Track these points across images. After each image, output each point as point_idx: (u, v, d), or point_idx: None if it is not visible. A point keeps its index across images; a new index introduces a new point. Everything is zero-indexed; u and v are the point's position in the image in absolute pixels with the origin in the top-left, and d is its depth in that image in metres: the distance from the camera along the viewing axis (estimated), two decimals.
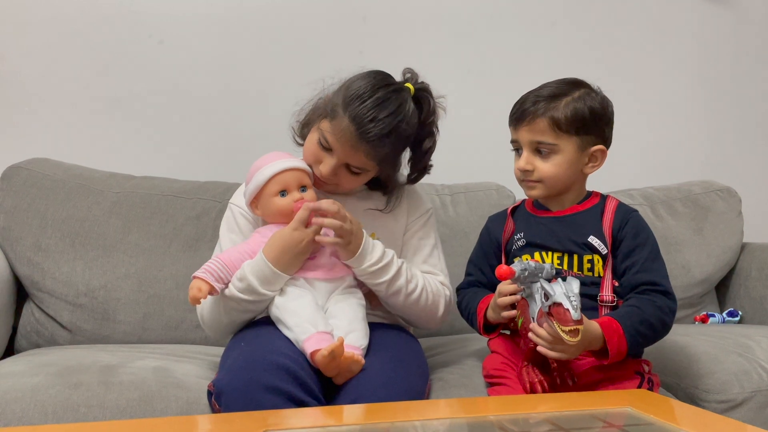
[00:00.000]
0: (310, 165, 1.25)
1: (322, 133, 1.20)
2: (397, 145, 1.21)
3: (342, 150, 1.18)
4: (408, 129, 1.20)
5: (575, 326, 0.98)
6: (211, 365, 1.27)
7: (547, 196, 1.23)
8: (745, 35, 2.25)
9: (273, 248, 1.16)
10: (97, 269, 1.52)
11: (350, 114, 1.16)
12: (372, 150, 1.17)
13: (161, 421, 1.01)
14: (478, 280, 1.31)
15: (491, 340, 1.27)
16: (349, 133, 1.16)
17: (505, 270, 1.07)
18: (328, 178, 1.22)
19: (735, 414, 1.29)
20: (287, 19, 1.89)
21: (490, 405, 1.04)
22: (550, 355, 1.05)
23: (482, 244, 1.33)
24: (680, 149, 2.20)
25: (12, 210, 1.53)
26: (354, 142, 1.17)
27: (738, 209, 1.93)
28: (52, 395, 1.06)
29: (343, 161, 1.20)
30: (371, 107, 1.16)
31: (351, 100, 1.17)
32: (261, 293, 1.15)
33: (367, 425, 0.89)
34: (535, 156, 1.19)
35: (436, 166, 1.41)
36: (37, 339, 1.51)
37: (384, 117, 1.16)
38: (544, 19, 2.09)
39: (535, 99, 1.18)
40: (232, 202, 1.33)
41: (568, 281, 1.02)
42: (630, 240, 1.18)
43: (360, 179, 1.25)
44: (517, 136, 1.21)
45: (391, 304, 1.24)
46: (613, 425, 0.91)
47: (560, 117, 1.16)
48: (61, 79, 1.79)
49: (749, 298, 1.85)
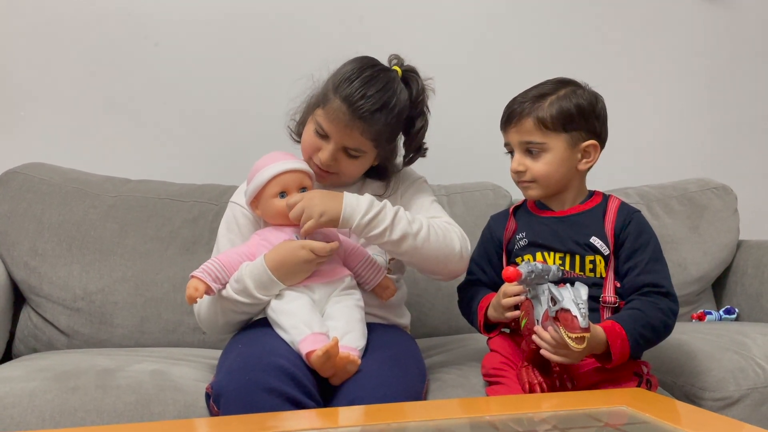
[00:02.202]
0: (310, 157, 1.26)
1: (317, 122, 1.23)
2: (389, 120, 1.22)
3: (338, 132, 1.21)
4: (398, 105, 1.23)
5: (582, 333, 0.98)
6: (208, 368, 1.27)
7: (544, 195, 1.23)
8: (740, 34, 2.25)
9: (275, 256, 1.15)
10: (94, 273, 1.52)
11: (341, 95, 1.20)
12: (366, 126, 1.20)
13: (159, 425, 1.01)
14: (479, 278, 1.31)
15: (491, 339, 1.27)
16: (342, 113, 1.19)
17: (513, 272, 1.06)
18: (329, 165, 1.23)
19: (731, 411, 1.29)
20: (284, 21, 1.89)
21: (487, 405, 1.05)
22: (553, 359, 1.05)
23: (484, 243, 1.33)
24: (676, 147, 2.21)
25: (8, 214, 1.53)
26: (348, 121, 1.20)
27: (734, 207, 1.93)
28: (49, 400, 1.06)
29: (341, 144, 1.22)
30: (360, 86, 1.20)
31: (340, 83, 1.21)
32: (256, 297, 1.15)
33: (364, 427, 0.89)
34: (526, 156, 1.20)
35: (433, 166, 1.41)
36: (35, 343, 1.51)
37: (373, 93, 1.20)
38: (541, 18, 2.09)
39: (522, 100, 1.20)
40: (233, 201, 1.33)
41: (576, 287, 1.02)
42: (632, 241, 1.18)
43: (359, 164, 1.27)
44: (507, 138, 1.23)
45: (406, 254, 1.19)
46: (610, 424, 0.91)
47: (545, 116, 1.17)
48: (56, 82, 1.79)
49: (746, 295, 1.85)
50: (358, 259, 1.26)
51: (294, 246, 1.16)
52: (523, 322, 1.11)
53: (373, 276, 1.27)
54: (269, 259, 1.15)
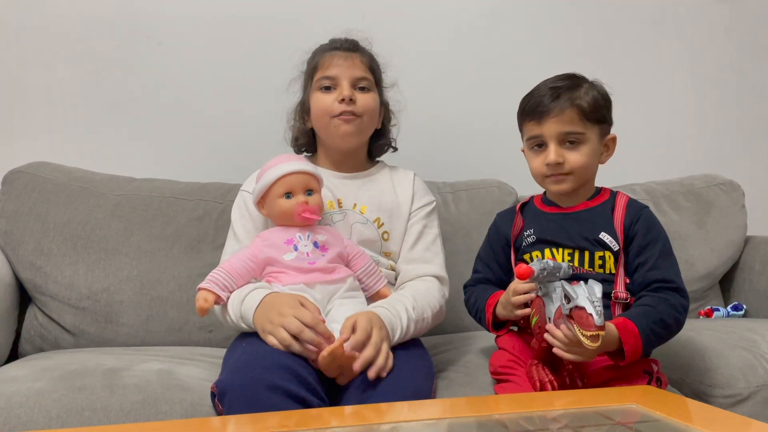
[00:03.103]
0: (329, 118, 1.32)
1: (322, 79, 1.33)
2: (370, 53, 1.39)
3: (343, 68, 1.33)
4: (368, 49, 1.40)
5: (597, 332, 0.97)
6: (214, 367, 1.27)
7: (575, 189, 1.21)
8: (747, 31, 2.24)
9: (265, 309, 1.12)
10: (99, 272, 1.52)
11: (326, 49, 1.37)
12: (359, 56, 1.36)
13: (166, 424, 1.01)
14: (486, 276, 1.30)
15: (499, 337, 1.26)
16: (336, 55, 1.34)
17: (525, 269, 1.05)
18: (351, 97, 1.31)
19: (741, 408, 1.28)
20: (287, 19, 1.89)
21: (496, 403, 1.04)
22: (566, 357, 1.04)
23: (490, 241, 1.32)
24: (682, 143, 2.20)
25: (13, 214, 1.53)
26: (345, 56, 1.34)
27: (741, 203, 1.92)
28: (56, 399, 1.06)
29: (350, 78, 1.32)
30: (337, 38, 1.39)
31: (319, 48, 1.40)
32: (240, 327, 1.18)
33: (372, 425, 0.88)
34: (563, 148, 1.18)
35: (437, 163, 1.42)
36: (41, 343, 1.51)
37: (351, 38, 1.39)
38: (545, 15, 2.09)
39: (556, 91, 1.17)
40: (243, 189, 1.38)
41: (590, 284, 1.01)
42: (642, 236, 1.17)
43: (372, 98, 1.35)
44: (541, 130, 1.18)
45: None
46: (622, 423, 0.90)
47: (585, 105, 1.16)
48: (60, 82, 1.79)
49: (753, 291, 1.84)
50: (360, 264, 1.28)
51: (290, 304, 1.10)
52: (534, 319, 1.11)
53: (374, 283, 1.29)
54: (256, 314, 1.12)
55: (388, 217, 1.36)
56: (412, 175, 1.43)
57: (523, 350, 1.19)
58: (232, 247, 1.32)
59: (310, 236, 1.23)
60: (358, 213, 1.35)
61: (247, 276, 1.22)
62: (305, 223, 1.23)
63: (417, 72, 1.87)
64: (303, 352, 1.06)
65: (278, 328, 1.07)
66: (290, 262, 1.20)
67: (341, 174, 1.39)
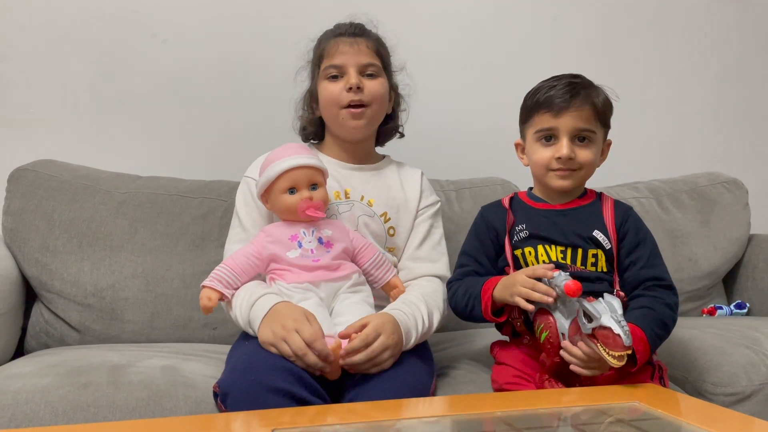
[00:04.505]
0: (338, 108, 1.30)
1: (328, 67, 1.32)
2: (377, 37, 1.37)
3: (349, 55, 1.31)
4: (375, 32, 1.38)
5: (625, 352, 0.97)
6: (219, 363, 1.27)
7: (576, 186, 1.22)
8: (750, 29, 2.23)
9: (272, 318, 1.10)
10: (104, 269, 1.53)
11: (331, 36, 1.35)
12: (365, 40, 1.34)
13: (171, 420, 1.02)
14: (474, 269, 1.25)
15: (494, 347, 1.26)
16: (342, 41, 1.33)
17: (578, 286, 1.01)
18: (359, 85, 1.29)
19: (743, 407, 1.29)
20: (292, 17, 1.89)
21: (497, 401, 1.04)
22: (583, 374, 1.05)
23: (478, 235, 1.28)
24: (686, 141, 2.19)
25: (19, 211, 1.53)
26: (351, 42, 1.32)
27: (744, 201, 1.92)
28: (61, 395, 1.07)
29: (357, 65, 1.31)
30: (342, 23, 1.37)
31: (324, 34, 1.38)
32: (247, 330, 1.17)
33: (373, 422, 0.89)
34: (574, 144, 1.18)
35: (440, 161, 1.42)
36: (47, 339, 1.52)
37: (357, 22, 1.37)
38: (547, 12, 2.08)
39: (576, 87, 1.17)
40: (247, 175, 1.36)
41: (608, 300, 1.01)
42: (633, 235, 1.18)
43: (380, 84, 1.33)
44: (557, 123, 1.17)
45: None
46: (622, 420, 0.90)
47: (599, 106, 1.18)
48: (65, 79, 1.80)
49: (757, 289, 1.84)
50: (368, 257, 1.26)
51: (293, 317, 1.08)
52: (544, 334, 1.09)
53: (383, 274, 1.28)
54: (262, 323, 1.10)
55: (395, 213, 1.35)
56: (420, 173, 1.43)
57: (526, 363, 1.17)
58: (238, 235, 1.30)
59: (314, 232, 1.21)
60: (366, 205, 1.33)
61: (251, 272, 1.21)
62: (309, 219, 1.22)
63: (420, 70, 1.86)
64: (305, 367, 1.05)
65: (281, 343, 1.05)
66: (294, 259, 1.19)
67: (349, 165, 1.38)
